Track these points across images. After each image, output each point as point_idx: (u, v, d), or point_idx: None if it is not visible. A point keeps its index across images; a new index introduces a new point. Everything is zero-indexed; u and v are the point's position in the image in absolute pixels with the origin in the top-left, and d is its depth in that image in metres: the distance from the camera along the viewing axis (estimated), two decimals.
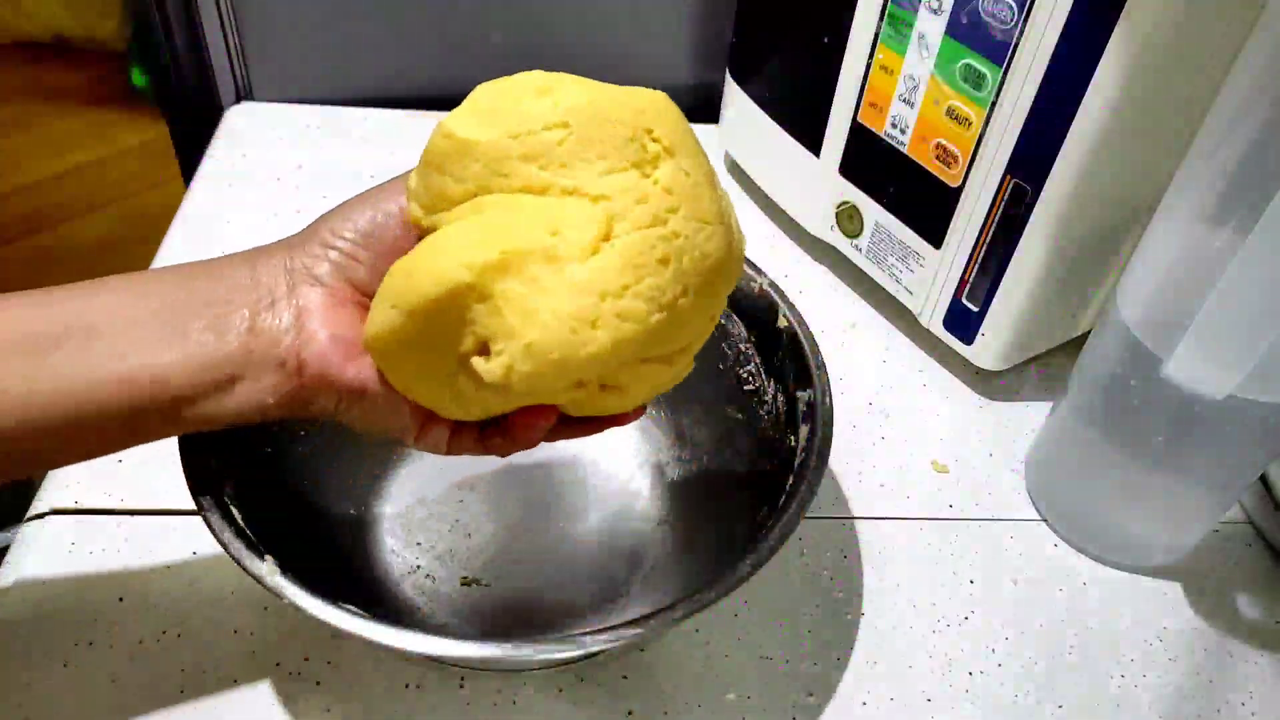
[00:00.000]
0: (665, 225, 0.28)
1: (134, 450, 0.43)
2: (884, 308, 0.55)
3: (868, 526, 0.45)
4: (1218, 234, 0.35)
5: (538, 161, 0.28)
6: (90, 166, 1.38)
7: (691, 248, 0.28)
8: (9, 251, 1.26)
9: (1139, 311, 0.38)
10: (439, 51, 0.65)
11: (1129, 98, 0.38)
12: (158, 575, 0.40)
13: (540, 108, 0.29)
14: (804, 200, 0.56)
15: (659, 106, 0.29)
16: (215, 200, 0.58)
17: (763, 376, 0.41)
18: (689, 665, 0.39)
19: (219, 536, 0.32)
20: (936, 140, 0.45)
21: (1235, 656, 0.41)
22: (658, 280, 0.28)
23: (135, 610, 0.39)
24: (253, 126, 0.64)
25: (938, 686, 0.39)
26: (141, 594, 0.39)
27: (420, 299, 0.27)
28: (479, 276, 0.27)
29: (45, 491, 0.42)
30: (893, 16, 0.45)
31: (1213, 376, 0.35)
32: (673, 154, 0.29)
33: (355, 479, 0.42)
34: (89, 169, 1.37)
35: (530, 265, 0.27)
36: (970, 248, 0.46)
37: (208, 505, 0.32)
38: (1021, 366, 0.52)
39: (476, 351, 0.28)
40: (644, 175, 0.28)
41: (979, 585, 0.43)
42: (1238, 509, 0.47)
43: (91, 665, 0.37)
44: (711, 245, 0.29)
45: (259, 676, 0.37)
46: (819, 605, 0.41)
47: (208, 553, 0.41)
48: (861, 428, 0.49)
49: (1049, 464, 0.46)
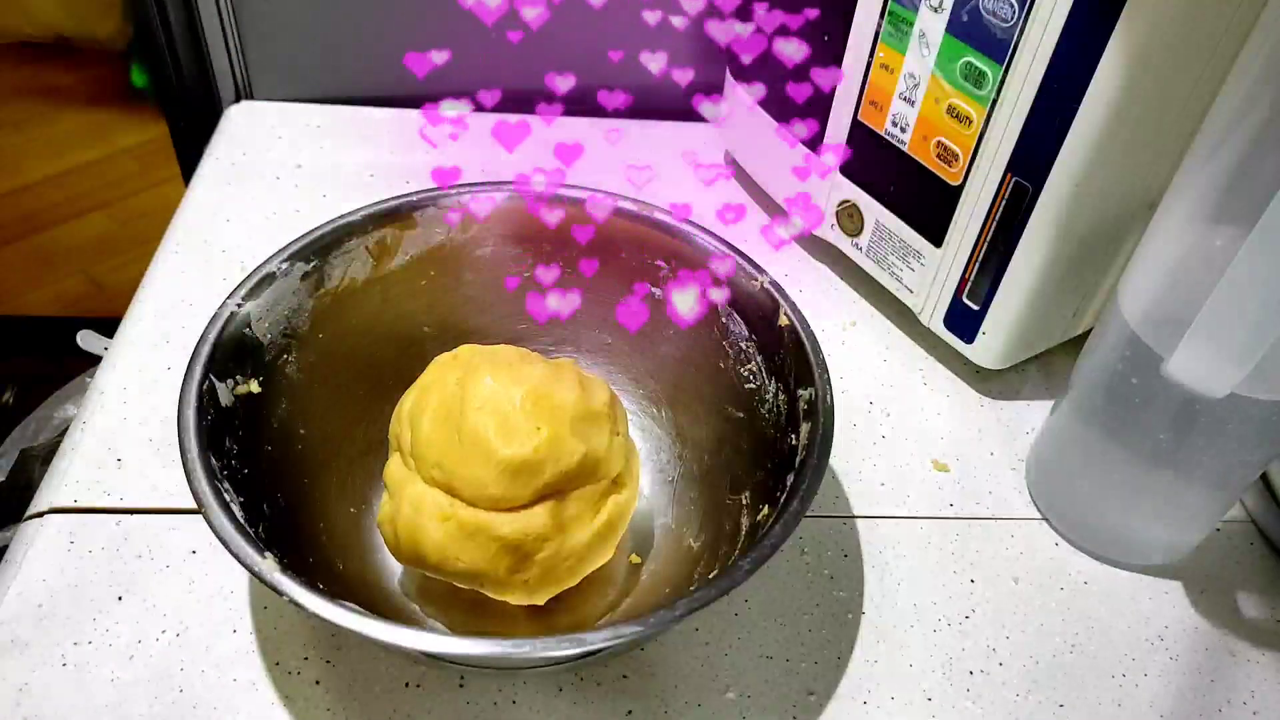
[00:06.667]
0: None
1: (134, 450, 0.44)
2: (884, 306, 0.55)
3: (868, 526, 0.45)
4: (1219, 232, 0.35)
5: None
6: (90, 166, 1.38)
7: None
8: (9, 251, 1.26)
9: (1140, 310, 0.38)
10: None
11: (1130, 96, 0.38)
12: (158, 575, 0.40)
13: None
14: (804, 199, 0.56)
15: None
16: (215, 200, 0.58)
17: (763, 375, 0.41)
18: (689, 664, 0.39)
19: (219, 534, 0.32)
20: (937, 138, 0.45)
21: (1237, 656, 0.41)
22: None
23: (135, 610, 0.38)
24: (253, 126, 0.64)
25: (938, 685, 0.39)
26: (141, 594, 0.39)
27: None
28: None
29: (44, 490, 0.42)
30: (893, 15, 0.45)
31: (1214, 375, 0.35)
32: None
33: (355, 478, 0.42)
34: (89, 169, 1.37)
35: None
36: (971, 246, 0.46)
37: (208, 503, 0.32)
38: (1022, 365, 0.52)
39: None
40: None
41: (980, 584, 0.43)
42: (1239, 508, 0.47)
43: (91, 665, 0.37)
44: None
45: (259, 676, 0.37)
46: (819, 605, 0.41)
47: (207, 552, 0.41)
48: (862, 427, 0.49)
49: (1050, 463, 0.46)
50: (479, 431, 0.34)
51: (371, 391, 0.42)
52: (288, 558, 0.32)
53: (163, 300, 0.51)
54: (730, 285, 0.42)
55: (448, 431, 0.35)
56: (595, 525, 0.36)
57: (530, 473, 0.34)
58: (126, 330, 0.50)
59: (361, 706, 0.37)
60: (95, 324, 0.75)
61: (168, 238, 0.55)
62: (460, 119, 0.43)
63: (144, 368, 0.48)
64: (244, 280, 0.39)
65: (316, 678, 0.37)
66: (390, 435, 0.38)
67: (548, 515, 0.35)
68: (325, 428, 0.41)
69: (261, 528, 0.34)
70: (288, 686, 0.37)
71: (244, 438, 0.36)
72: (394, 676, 0.37)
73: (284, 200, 0.58)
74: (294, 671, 0.37)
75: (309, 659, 0.38)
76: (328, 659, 0.38)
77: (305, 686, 0.37)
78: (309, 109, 0.65)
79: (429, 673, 0.38)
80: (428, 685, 0.37)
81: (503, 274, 0.45)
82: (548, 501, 0.35)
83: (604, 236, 0.44)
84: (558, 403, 0.35)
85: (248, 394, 0.38)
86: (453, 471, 0.34)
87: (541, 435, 0.34)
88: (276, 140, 0.63)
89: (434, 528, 0.34)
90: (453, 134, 0.43)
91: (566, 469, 0.35)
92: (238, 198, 0.58)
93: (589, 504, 0.36)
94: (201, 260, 0.54)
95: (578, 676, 0.38)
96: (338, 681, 0.37)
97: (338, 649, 0.38)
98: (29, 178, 1.35)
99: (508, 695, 0.37)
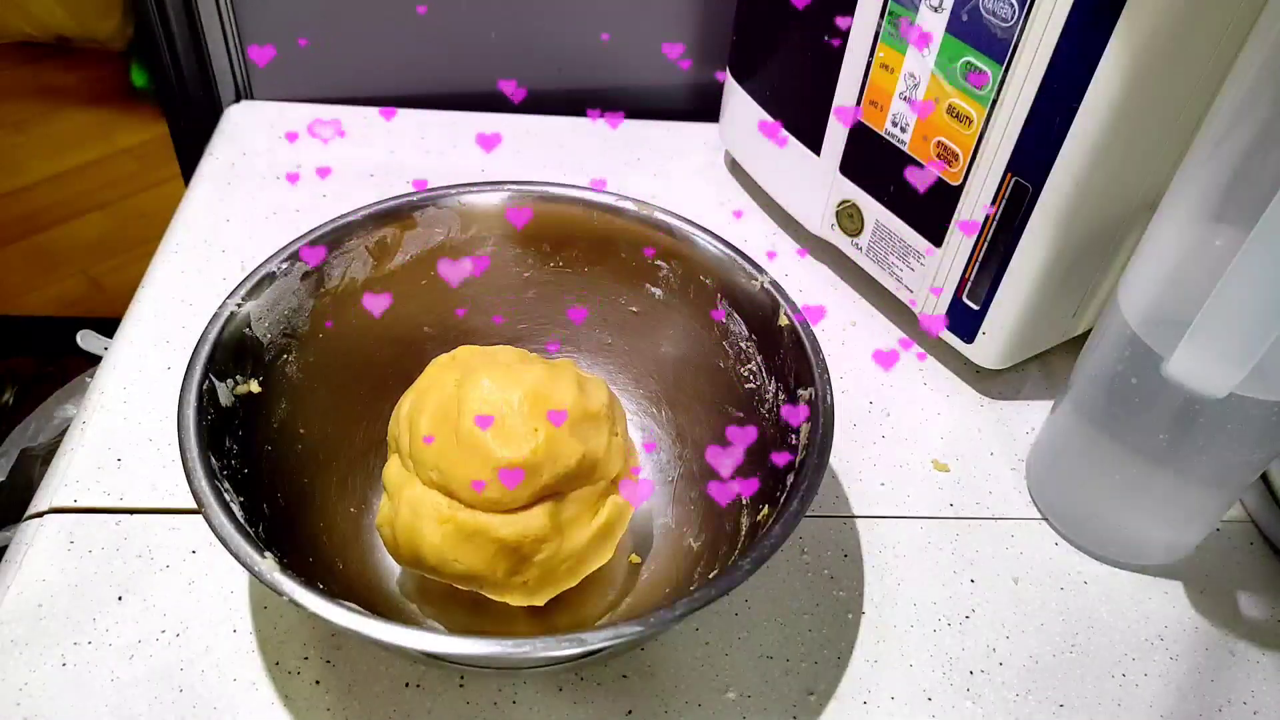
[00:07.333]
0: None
1: (134, 450, 0.44)
2: (884, 306, 0.55)
3: (868, 525, 0.45)
4: (1219, 232, 0.35)
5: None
6: (90, 166, 1.38)
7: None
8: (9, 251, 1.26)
9: (1140, 310, 0.38)
10: (438, 50, 0.65)
11: (1130, 96, 0.38)
12: (157, 575, 0.40)
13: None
14: (804, 199, 0.56)
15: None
16: (215, 200, 0.58)
17: (763, 375, 0.41)
18: (689, 664, 0.39)
19: (219, 533, 0.32)
20: (937, 138, 0.45)
21: (1237, 655, 0.41)
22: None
23: (135, 610, 0.38)
24: (253, 126, 0.64)
25: (938, 685, 0.39)
26: (141, 594, 0.39)
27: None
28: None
29: (44, 490, 0.42)
30: (893, 14, 0.45)
31: (1214, 375, 0.35)
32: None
33: (355, 478, 0.42)
34: (89, 169, 1.37)
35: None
36: (971, 246, 0.46)
37: (208, 503, 0.32)
38: (1022, 365, 0.52)
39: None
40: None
41: (980, 584, 0.43)
42: (1239, 508, 0.47)
43: (91, 665, 0.37)
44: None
45: (259, 676, 0.37)
46: (819, 604, 0.41)
47: (207, 552, 0.41)
48: (862, 426, 0.49)
49: (1050, 463, 0.46)
50: (476, 434, 0.34)
51: (371, 391, 0.42)
52: (288, 558, 0.32)
53: (163, 300, 0.51)
54: (730, 285, 0.42)
55: (446, 433, 0.35)
56: (594, 526, 0.36)
57: (528, 474, 0.34)
58: (126, 330, 0.50)
59: (361, 706, 0.37)
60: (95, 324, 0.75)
61: (168, 238, 0.55)
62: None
63: (144, 368, 0.48)
64: (244, 280, 0.39)
65: (316, 678, 0.37)
66: (389, 437, 0.38)
67: (546, 517, 0.35)
68: (325, 428, 0.41)
69: (261, 528, 0.34)
70: (288, 686, 0.37)
71: (244, 438, 0.36)
72: (394, 676, 0.37)
73: (284, 200, 0.58)
74: (294, 671, 0.37)
75: (309, 659, 0.38)
76: (328, 659, 0.38)
77: (305, 686, 0.37)
78: (309, 109, 0.65)
79: (429, 673, 0.38)
80: (428, 685, 0.37)
81: (503, 274, 0.45)
82: (546, 503, 0.35)
83: (604, 236, 0.44)
84: (556, 404, 0.35)
85: (248, 394, 0.38)
86: (450, 474, 0.34)
87: (539, 437, 0.34)
88: (276, 140, 0.63)
89: (432, 530, 0.34)
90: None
91: (565, 470, 0.35)
92: (238, 198, 0.58)
93: (588, 505, 0.36)
94: (201, 260, 0.54)
95: (578, 676, 0.38)
96: (338, 681, 0.37)
97: (338, 649, 0.38)
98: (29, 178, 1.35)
99: (508, 695, 0.37)
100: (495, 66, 0.66)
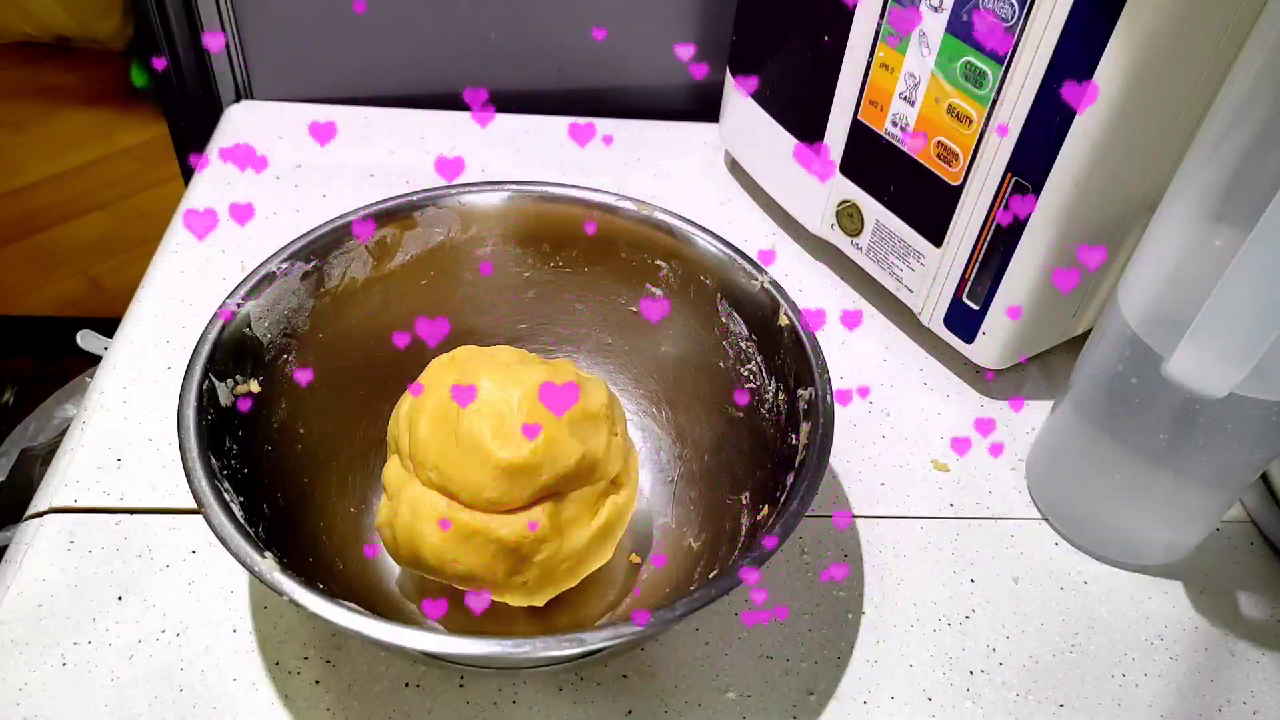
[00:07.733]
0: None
1: (134, 450, 0.44)
2: (884, 306, 0.55)
3: (868, 526, 0.45)
4: (1219, 232, 0.35)
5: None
6: (90, 166, 1.38)
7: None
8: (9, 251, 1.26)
9: (1140, 310, 0.38)
10: (438, 50, 0.65)
11: (1130, 96, 0.38)
12: (157, 574, 0.40)
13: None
14: (804, 199, 0.56)
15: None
16: (215, 200, 0.58)
17: (763, 375, 0.41)
18: (689, 664, 0.39)
19: (219, 533, 0.32)
20: (937, 138, 0.45)
21: (1237, 655, 0.41)
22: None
23: (135, 610, 0.38)
24: (252, 125, 0.64)
25: (938, 685, 0.39)
26: (141, 593, 0.39)
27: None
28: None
29: (44, 490, 0.42)
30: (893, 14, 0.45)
31: (1214, 375, 0.35)
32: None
33: (355, 478, 0.42)
34: (89, 169, 1.37)
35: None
36: (971, 246, 0.46)
37: (208, 503, 0.32)
38: (1022, 365, 0.52)
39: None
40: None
41: (980, 584, 0.43)
42: (1239, 508, 0.47)
43: (91, 665, 0.37)
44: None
45: (259, 676, 0.37)
46: (819, 605, 0.41)
47: (207, 552, 0.41)
48: (862, 426, 0.49)
49: (1050, 463, 0.46)
50: (475, 434, 0.34)
51: (371, 391, 0.42)
52: (288, 557, 0.32)
53: (163, 300, 0.51)
54: (730, 285, 0.42)
55: (445, 434, 0.35)
56: (594, 526, 0.36)
57: (527, 475, 0.34)
58: (126, 330, 0.50)
59: (361, 706, 0.37)
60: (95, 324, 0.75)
61: (168, 238, 0.55)
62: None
63: (144, 368, 0.48)
64: (244, 280, 0.39)
65: (316, 678, 0.37)
66: (389, 437, 0.38)
67: (546, 517, 0.35)
68: (325, 428, 0.41)
69: (261, 527, 0.34)
70: (288, 686, 0.37)
71: (244, 437, 0.36)
72: (394, 676, 0.37)
73: (284, 200, 0.58)
74: (294, 671, 0.37)
75: (309, 659, 0.38)
76: (328, 659, 0.38)
77: (305, 686, 0.37)
78: (309, 109, 0.65)
79: (429, 673, 0.38)
80: (428, 685, 0.37)
81: (503, 274, 0.45)
82: (546, 503, 0.35)
83: (604, 236, 0.44)
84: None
85: (248, 394, 0.38)
86: (450, 474, 0.34)
87: (538, 437, 0.34)
88: (276, 140, 0.63)
89: (432, 530, 0.34)
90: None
91: (564, 470, 0.35)
92: (238, 198, 0.58)
93: (587, 505, 0.36)
94: (201, 260, 0.54)
95: (578, 676, 0.38)
96: (338, 681, 0.37)
97: (338, 649, 0.38)
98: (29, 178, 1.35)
99: (508, 695, 0.37)
100: (495, 67, 0.66)
